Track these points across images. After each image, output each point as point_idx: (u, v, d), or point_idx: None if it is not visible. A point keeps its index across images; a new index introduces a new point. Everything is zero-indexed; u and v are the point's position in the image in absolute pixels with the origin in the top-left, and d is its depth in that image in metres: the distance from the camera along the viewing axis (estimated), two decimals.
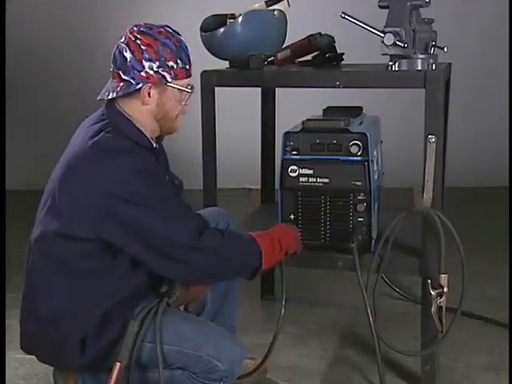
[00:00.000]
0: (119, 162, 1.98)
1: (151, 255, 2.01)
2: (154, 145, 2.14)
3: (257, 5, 2.76)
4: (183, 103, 2.14)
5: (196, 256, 2.01)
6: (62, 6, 5.68)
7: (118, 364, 2.01)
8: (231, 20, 2.69)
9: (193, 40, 2.37)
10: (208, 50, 2.70)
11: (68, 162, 2.05)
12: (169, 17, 5.30)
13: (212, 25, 2.70)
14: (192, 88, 2.14)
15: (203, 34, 2.67)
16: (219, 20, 2.73)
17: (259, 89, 3.28)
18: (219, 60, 2.73)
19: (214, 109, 2.66)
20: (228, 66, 2.79)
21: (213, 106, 2.66)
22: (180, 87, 2.09)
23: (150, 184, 2.00)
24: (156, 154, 2.14)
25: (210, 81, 2.64)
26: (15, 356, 2.81)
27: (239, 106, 4.79)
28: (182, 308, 2.30)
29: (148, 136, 2.12)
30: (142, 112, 2.09)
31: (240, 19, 2.63)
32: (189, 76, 2.12)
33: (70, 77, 5.73)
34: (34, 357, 2.16)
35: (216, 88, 2.64)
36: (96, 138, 2.02)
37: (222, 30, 2.63)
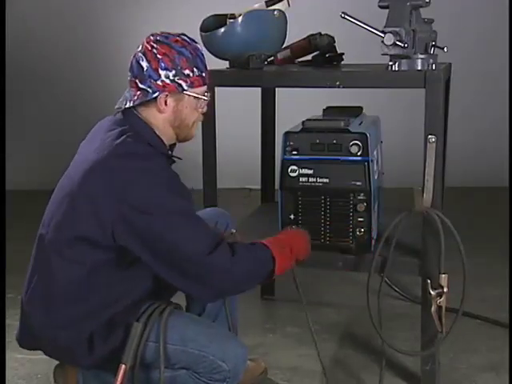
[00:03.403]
0: (144, 170, 1.99)
1: (166, 269, 2.02)
2: (170, 152, 2.18)
3: (257, 5, 2.76)
4: (199, 110, 2.17)
5: (208, 273, 2.01)
6: (63, 5, 5.68)
7: (123, 366, 2.01)
8: (231, 20, 2.69)
9: None
10: (208, 50, 2.70)
11: (89, 165, 2.02)
12: (169, 17, 5.35)
13: (212, 25, 2.70)
14: (208, 95, 2.17)
15: (203, 34, 2.67)
16: (219, 20, 2.73)
17: (259, 89, 3.28)
18: (219, 60, 2.73)
19: (214, 109, 2.66)
20: (228, 65, 2.79)
21: (213, 105, 2.66)
22: (196, 95, 2.12)
23: (174, 195, 2.01)
24: (171, 161, 2.17)
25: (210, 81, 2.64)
26: (15, 356, 2.81)
27: (239, 105, 4.80)
28: None
29: (166, 143, 2.15)
30: (158, 120, 2.12)
31: (240, 19, 2.62)
32: (205, 84, 2.15)
33: (70, 76, 5.73)
34: (34, 357, 2.16)
35: (216, 88, 2.64)
36: (119, 142, 2.02)
37: (222, 29, 2.63)
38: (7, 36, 4.59)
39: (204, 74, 2.13)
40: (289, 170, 2.52)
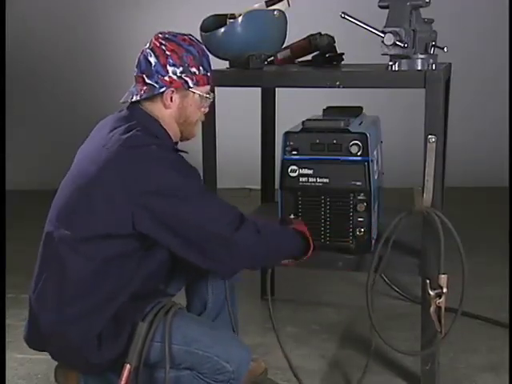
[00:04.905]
0: (154, 157, 2.02)
1: (192, 250, 2.05)
2: (175, 147, 2.21)
3: (257, 5, 2.75)
4: (202, 109, 2.22)
5: (231, 251, 2.06)
6: (63, 5, 5.68)
7: (128, 366, 2.00)
8: (231, 20, 2.68)
9: None
10: (208, 50, 2.70)
11: (98, 162, 2.04)
12: (169, 17, 5.35)
13: (212, 25, 2.70)
14: (212, 95, 2.22)
15: (203, 33, 2.67)
16: (219, 20, 2.73)
17: (259, 89, 3.28)
18: (219, 60, 2.73)
19: (214, 109, 2.65)
20: (228, 65, 2.79)
21: (213, 105, 2.65)
22: (201, 93, 2.16)
23: (187, 176, 2.05)
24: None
25: None
26: (15, 356, 2.81)
27: (239, 105, 4.80)
28: None
29: (172, 137, 2.18)
30: (164, 114, 2.15)
31: (240, 19, 2.62)
32: (209, 83, 2.20)
33: (70, 76, 5.73)
34: (34, 357, 2.15)
35: (216, 88, 2.64)
36: (128, 135, 2.05)
37: (222, 30, 2.63)
38: (7, 36, 4.58)
39: (209, 74, 2.18)
40: (289, 170, 2.52)
